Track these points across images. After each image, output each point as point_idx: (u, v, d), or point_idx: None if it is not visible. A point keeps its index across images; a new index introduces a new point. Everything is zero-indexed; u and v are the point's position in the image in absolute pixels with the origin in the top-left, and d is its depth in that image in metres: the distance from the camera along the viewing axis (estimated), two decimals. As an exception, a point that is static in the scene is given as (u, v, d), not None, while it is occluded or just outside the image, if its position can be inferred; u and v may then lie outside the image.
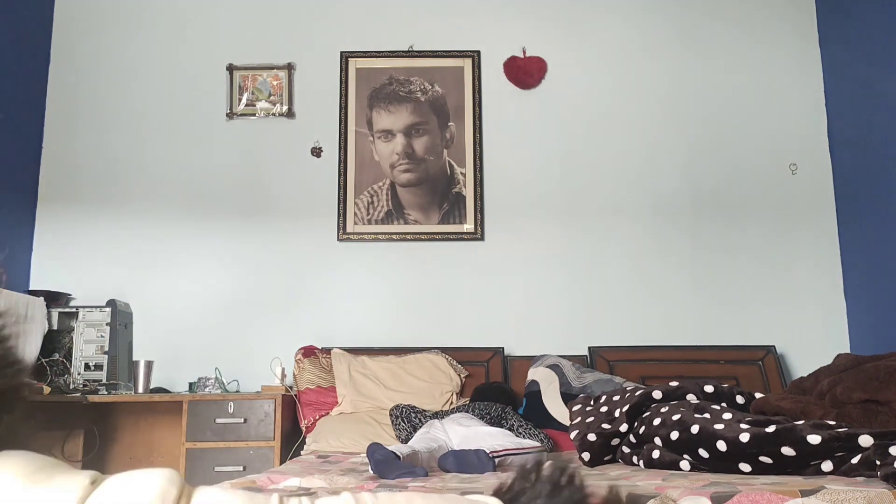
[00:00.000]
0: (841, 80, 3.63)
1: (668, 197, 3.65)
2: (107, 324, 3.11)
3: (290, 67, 3.73)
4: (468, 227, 3.61)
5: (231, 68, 3.72)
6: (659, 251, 3.60)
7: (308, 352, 3.29)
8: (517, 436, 2.60)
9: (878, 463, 1.56)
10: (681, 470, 1.99)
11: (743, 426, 1.88)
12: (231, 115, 3.70)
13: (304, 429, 3.10)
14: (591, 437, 2.33)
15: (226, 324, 3.49)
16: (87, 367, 3.06)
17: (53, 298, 3.21)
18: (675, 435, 2.03)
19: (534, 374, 3.21)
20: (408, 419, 2.82)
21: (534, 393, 3.13)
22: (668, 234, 3.62)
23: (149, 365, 3.12)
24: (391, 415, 2.90)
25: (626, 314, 3.54)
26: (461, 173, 3.66)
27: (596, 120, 3.72)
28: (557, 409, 3.01)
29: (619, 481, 1.75)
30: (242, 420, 2.90)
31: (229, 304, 3.52)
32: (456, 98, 3.72)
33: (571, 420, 2.58)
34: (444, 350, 3.34)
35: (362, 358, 3.26)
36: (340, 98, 3.71)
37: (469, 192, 3.64)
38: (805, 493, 1.32)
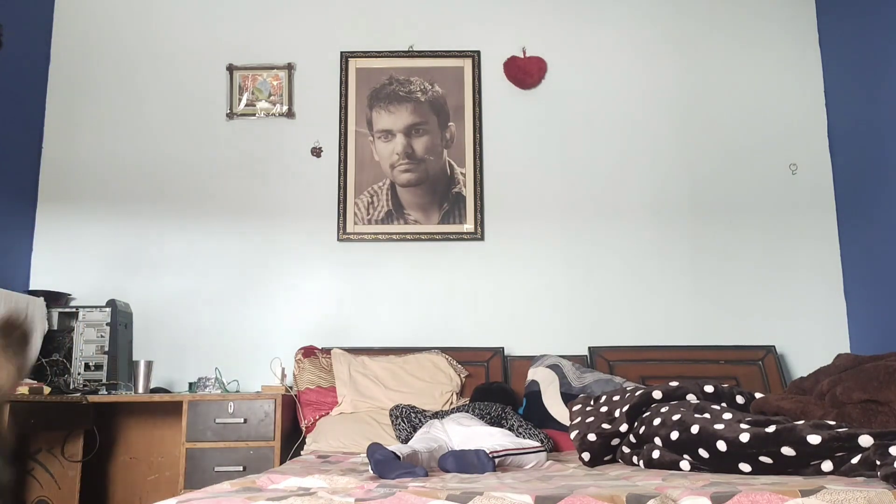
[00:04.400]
0: (841, 80, 3.63)
1: (668, 197, 3.65)
2: (107, 324, 3.11)
3: (290, 67, 3.73)
4: (468, 227, 3.61)
5: (231, 68, 3.73)
6: (659, 251, 3.60)
7: (308, 352, 3.30)
8: (517, 436, 2.60)
9: (878, 463, 1.56)
10: (681, 470, 2.00)
11: (743, 426, 1.88)
12: (231, 115, 3.70)
13: (304, 429, 3.10)
14: (591, 437, 2.33)
15: (226, 324, 3.49)
16: (87, 367, 3.06)
17: (53, 298, 3.21)
18: (675, 435, 2.03)
19: (534, 374, 3.21)
20: (408, 419, 2.82)
21: (534, 393, 3.13)
22: (668, 233, 3.62)
23: (149, 365, 3.12)
24: (391, 415, 2.90)
25: (626, 314, 3.54)
26: (461, 173, 3.66)
27: (596, 120, 3.72)
28: (557, 409, 3.01)
29: (619, 481, 1.75)
30: (242, 420, 2.90)
31: (229, 304, 3.52)
32: (456, 98, 3.72)
33: (571, 420, 2.58)
34: (444, 350, 3.34)
35: (362, 358, 3.26)
36: (340, 98, 3.71)
37: (469, 192, 3.64)
38: (805, 493, 1.32)
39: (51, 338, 3.07)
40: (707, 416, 2.05)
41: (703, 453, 1.93)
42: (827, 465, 1.72)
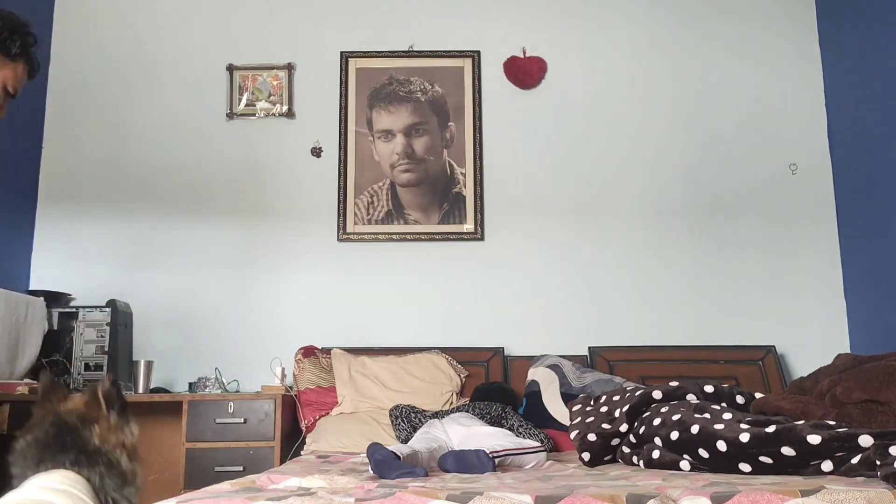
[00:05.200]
0: (841, 80, 3.63)
1: (667, 197, 3.65)
2: (107, 324, 3.11)
3: (290, 67, 3.73)
4: (468, 227, 3.61)
5: (231, 68, 3.72)
6: (659, 251, 3.60)
7: (308, 352, 3.29)
8: (517, 436, 2.60)
9: (878, 463, 1.56)
10: (681, 470, 1.99)
11: (743, 426, 1.88)
12: (231, 115, 3.70)
13: (304, 429, 3.10)
14: (591, 437, 2.33)
15: (226, 324, 3.49)
16: (87, 367, 3.06)
17: (53, 298, 3.20)
18: (675, 435, 2.03)
19: (534, 374, 3.21)
20: (408, 419, 2.82)
21: (534, 393, 3.13)
22: (668, 233, 3.62)
23: (149, 365, 3.12)
24: (391, 415, 2.90)
25: (626, 314, 3.54)
26: (461, 173, 3.66)
27: (596, 120, 3.72)
28: (557, 409, 3.01)
29: (619, 481, 1.75)
30: (242, 420, 2.90)
31: (229, 304, 3.52)
32: (456, 98, 3.72)
33: (571, 420, 2.58)
34: (444, 350, 3.34)
35: (362, 358, 3.25)
36: (340, 98, 3.71)
37: (469, 192, 3.64)
38: (805, 493, 1.32)
39: (51, 338, 3.07)
40: (707, 416, 2.05)
41: (703, 453, 1.93)
42: (827, 465, 1.72)
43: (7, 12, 1.78)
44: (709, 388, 2.39)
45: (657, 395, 2.38)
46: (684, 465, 2.00)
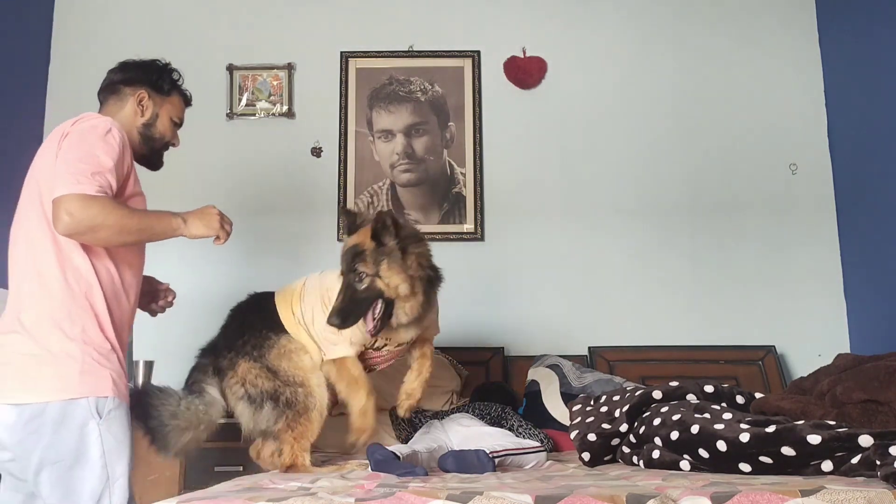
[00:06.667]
0: (841, 80, 3.63)
1: (667, 196, 3.65)
2: (107, 324, 3.10)
3: (290, 67, 3.73)
4: (468, 227, 3.61)
5: (231, 68, 3.73)
6: (659, 251, 3.60)
7: (308, 352, 3.28)
8: (517, 436, 2.60)
9: (878, 463, 1.56)
10: (681, 470, 1.99)
11: (743, 426, 1.88)
12: (231, 115, 3.70)
13: (304, 429, 3.09)
14: (591, 436, 2.33)
15: (226, 324, 3.48)
16: (87, 367, 3.05)
17: (53, 298, 3.20)
18: (675, 435, 2.03)
19: (534, 374, 3.21)
20: (408, 419, 2.82)
21: (534, 393, 3.13)
22: (668, 233, 3.62)
23: (149, 365, 3.12)
24: (391, 415, 2.89)
25: (626, 314, 3.54)
26: (461, 173, 3.66)
27: (596, 120, 3.72)
28: (557, 409, 3.01)
29: (619, 481, 1.75)
30: (242, 420, 2.89)
31: (229, 304, 3.51)
32: (456, 98, 3.72)
33: (571, 420, 2.58)
34: (444, 350, 3.34)
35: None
36: (340, 98, 3.71)
37: (469, 192, 3.64)
38: (805, 493, 1.32)
39: (51, 338, 3.07)
40: (707, 416, 2.05)
41: (703, 453, 1.93)
42: (827, 465, 1.72)
43: (149, 61, 2.31)
44: (709, 388, 2.39)
45: (657, 395, 2.38)
46: (684, 464, 2.00)
